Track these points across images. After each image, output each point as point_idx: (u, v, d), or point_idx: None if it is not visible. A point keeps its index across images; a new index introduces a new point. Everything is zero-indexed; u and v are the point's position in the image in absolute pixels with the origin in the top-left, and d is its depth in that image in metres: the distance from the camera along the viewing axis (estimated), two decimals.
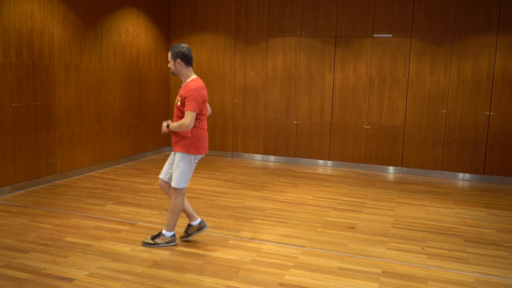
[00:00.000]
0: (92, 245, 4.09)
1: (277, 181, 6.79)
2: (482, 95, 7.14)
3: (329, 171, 7.71)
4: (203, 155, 4.15)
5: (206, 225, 4.29)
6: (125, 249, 4.02)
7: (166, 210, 5.15)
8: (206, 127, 4.14)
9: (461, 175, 7.37)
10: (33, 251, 3.91)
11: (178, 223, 4.69)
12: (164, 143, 8.90)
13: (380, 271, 3.74)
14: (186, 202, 4.20)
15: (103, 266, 3.65)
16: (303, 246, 4.22)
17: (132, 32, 7.69)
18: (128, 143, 7.79)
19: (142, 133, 8.13)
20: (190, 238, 4.27)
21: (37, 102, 5.89)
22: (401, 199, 5.99)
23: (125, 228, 4.56)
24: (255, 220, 4.92)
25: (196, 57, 8.61)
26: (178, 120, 4.01)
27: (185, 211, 4.21)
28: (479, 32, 7.06)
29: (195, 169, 7.29)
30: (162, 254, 3.94)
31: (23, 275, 3.46)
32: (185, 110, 3.87)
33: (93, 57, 6.83)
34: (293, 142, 8.20)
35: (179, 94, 4.04)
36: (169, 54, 4.02)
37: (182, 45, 4.03)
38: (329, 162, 8.03)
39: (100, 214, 4.95)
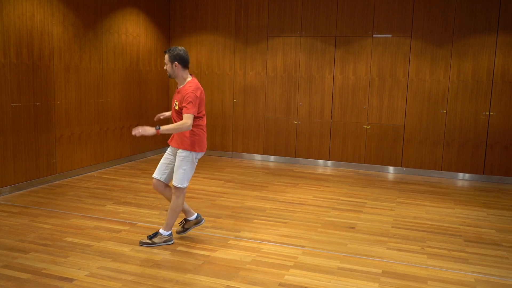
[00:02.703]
0: (92, 245, 4.09)
1: (277, 181, 6.79)
2: (482, 95, 7.14)
3: (329, 171, 7.71)
4: (203, 153, 4.18)
5: (203, 219, 4.34)
6: (125, 249, 4.02)
7: (166, 210, 5.15)
8: (205, 125, 4.18)
9: (461, 175, 7.37)
10: (33, 251, 3.91)
11: (178, 223, 4.70)
12: (164, 143, 8.90)
13: (380, 271, 3.74)
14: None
15: (103, 266, 3.65)
16: (303, 246, 4.22)
17: (132, 32, 7.69)
18: (128, 143, 7.80)
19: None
20: (186, 233, 4.33)
21: (37, 102, 5.89)
22: (401, 199, 5.99)
23: (125, 228, 4.56)
24: (255, 220, 4.92)
25: (196, 57, 8.61)
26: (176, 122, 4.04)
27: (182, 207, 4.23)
28: (479, 32, 7.06)
29: (195, 169, 7.29)
30: (162, 254, 3.94)
31: (23, 275, 3.46)
32: (184, 113, 3.87)
33: (93, 57, 6.83)
34: (293, 142, 8.20)
35: (175, 97, 4.04)
36: (166, 57, 4.02)
37: (180, 48, 4.04)
38: (329, 162, 8.03)
39: (100, 214, 4.96)
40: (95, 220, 4.76)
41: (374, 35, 7.54)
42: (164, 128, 3.81)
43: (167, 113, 4.40)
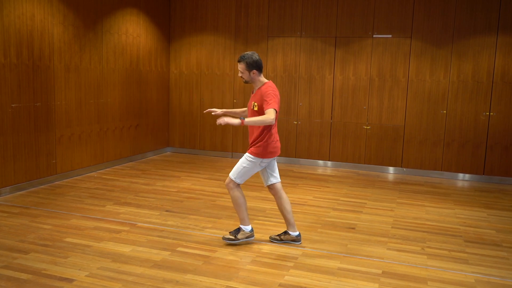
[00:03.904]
0: (92, 245, 4.09)
1: None
2: (482, 95, 7.14)
3: (329, 171, 7.71)
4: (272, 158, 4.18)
5: (300, 241, 4.28)
6: (125, 249, 4.02)
7: (166, 211, 5.15)
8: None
9: (461, 175, 7.37)
10: (33, 251, 3.91)
11: (179, 224, 4.70)
12: (164, 143, 8.90)
13: (380, 271, 3.74)
14: (289, 208, 4.21)
15: (103, 267, 3.65)
16: (303, 247, 4.22)
17: (132, 32, 7.69)
18: (128, 144, 7.79)
19: (142, 134, 8.14)
20: (280, 242, 4.28)
21: (37, 103, 5.89)
22: (401, 200, 5.99)
23: (125, 228, 4.56)
24: (255, 221, 4.92)
25: (196, 57, 8.61)
26: (254, 126, 4.06)
27: (285, 217, 4.24)
28: (479, 33, 7.06)
29: (195, 169, 7.30)
30: (162, 254, 3.94)
31: (23, 276, 3.46)
32: (265, 108, 3.88)
33: (93, 57, 6.83)
34: (293, 142, 8.20)
35: (252, 99, 4.08)
36: (243, 66, 4.02)
37: (251, 53, 4.04)
38: (329, 163, 8.03)
39: (100, 215, 4.95)
40: (95, 221, 4.76)
41: (374, 36, 7.55)
42: (248, 120, 3.82)
43: (219, 111, 4.28)
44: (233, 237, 4.15)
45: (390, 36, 7.47)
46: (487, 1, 6.97)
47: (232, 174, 4.08)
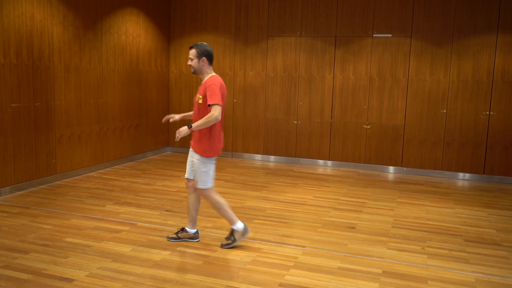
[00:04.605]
0: (92, 245, 4.08)
1: (277, 181, 6.79)
2: (482, 95, 7.14)
3: (329, 171, 7.71)
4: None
5: (198, 238, 4.27)
6: (125, 249, 4.02)
7: (167, 211, 5.15)
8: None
9: (461, 175, 7.37)
10: (33, 251, 3.91)
11: (179, 224, 4.70)
12: (164, 143, 8.90)
13: (380, 271, 3.74)
14: (197, 207, 4.20)
15: (103, 267, 3.65)
16: (303, 246, 4.22)
17: (132, 32, 7.68)
18: (128, 143, 7.79)
19: (142, 133, 8.13)
20: (177, 241, 4.24)
21: (37, 103, 5.89)
22: (401, 199, 5.98)
23: (125, 228, 4.55)
24: (255, 220, 4.92)
25: None
26: (199, 118, 3.99)
27: (191, 214, 4.22)
28: (479, 32, 7.06)
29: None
30: (162, 254, 3.94)
31: (23, 276, 3.46)
32: (208, 103, 3.84)
33: (93, 57, 6.83)
34: (293, 142, 8.20)
35: (198, 92, 4.04)
36: (193, 52, 4.00)
37: (206, 44, 4.05)
38: (329, 162, 8.03)
39: (100, 215, 4.95)
40: (95, 221, 4.76)
41: (374, 35, 7.54)
42: (195, 125, 3.83)
43: (177, 116, 4.27)
44: (230, 241, 4.13)
45: (390, 35, 7.47)
46: (487, 1, 6.96)
47: (199, 184, 4.03)
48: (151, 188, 6.13)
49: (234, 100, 8.45)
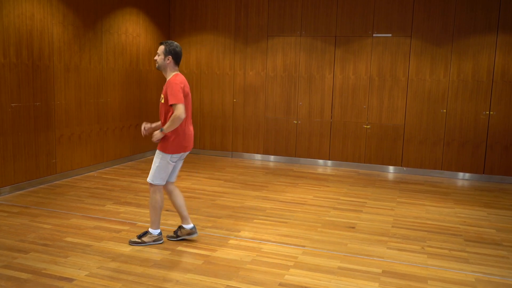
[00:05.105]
0: (92, 245, 4.08)
1: (277, 181, 6.79)
2: (482, 94, 7.14)
3: (329, 171, 7.71)
4: (183, 154, 4.13)
5: (196, 233, 4.26)
6: (125, 249, 4.02)
7: (166, 210, 5.15)
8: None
9: (461, 174, 7.37)
10: (33, 251, 3.91)
11: (179, 223, 4.70)
12: None
13: (380, 270, 3.74)
14: (182, 203, 4.20)
15: (103, 266, 3.65)
16: (303, 246, 4.22)
17: (132, 32, 7.68)
18: (128, 143, 7.79)
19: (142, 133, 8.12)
20: (177, 240, 4.25)
21: (37, 102, 5.89)
22: (401, 199, 5.98)
23: (125, 228, 4.55)
24: (255, 220, 4.92)
25: (196, 57, 8.61)
26: (162, 118, 4.03)
27: (180, 212, 4.21)
28: (479, 32, 7.06)
29: (195, 168, 7.29)
30: (162, 254, 3.94)
31: (23, 275, 3.46)
32: (170, 103, 3.86)
33: (93, 57, 6.83)
34: (293, 142, 8.20)
35: (162, 91, 4.04)
36: (161, 48, 4.01)
37: (176, 44, 4.06)
38: (329, 162, 8.03)
39: (100, 214, 4.95)
40: (95, 220, 4.76)
41: (374, 35, 7.54)
42: (165, 128, 3.89)
43: (154, 124, 4.30)
44: (139, 240, 4.12)
45: (390, 35, 7.47)
46: (487, 1, 6.96)
47: (149, 178, 4.05)
48: None
49: (234, 100, 8.45)
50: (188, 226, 4.23)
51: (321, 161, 8.08)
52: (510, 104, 7.02)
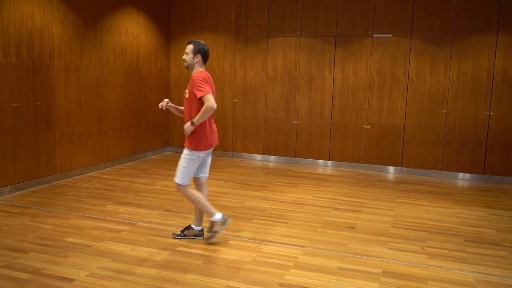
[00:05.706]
0: (92, 245, 4.09)
1: (277, 181, 6.79)
2: (482, 95, 7.14)
3: (329, 171, 7.71)
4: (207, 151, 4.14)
5: (203, 235, 4.30)
6: (125, 249, 4.02)
7: (167, 210, 5.16)
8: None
9: (461, 175, 7.37)
10: (33, 251, 3.91)
11: (179, 224, 4.70)
12: (164, 143, 8.90)
13: (380, 271, 3.74)
14: (202, 204, 4.17)
15: (103, 266, 3.65)
16: (303, 246, 4.22)
17: (132, 32, 7.68)
18: (128, 143, 7.79)
19: (142, 133, 8.13)
20: (182, 238, 4.28)
21: (37, 102, 5.89)
22: (401, 199, 5.99)
23: (125, 228, 4.56)
24: (255, 220, 4.92)
25: None
26: (188, 113, 4.02)
27: (197, 212, 4.25)
28: (479, 32, 7.06)
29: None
30: (162, 254, 3.94)
31: (23, 276, 3.46)
32: (198, 96, 3.86)
33: (93, 57, 6.83)
34: (293, 142, 8.20)
35: (187, 87, 4.06)
36: (190, 47, 4.05)
37: (204, 42, 4.10)
38: (329, 162, 8.03)
39: (100, 214, 4.95)
40: (95, 220, 4.76)
41: (374, 35, 7.54)
42: (196, 119, 3.89)
43: (166, 100, 4.28)
44: (212, 232, 4.14)
45: (390, 35, 7.47)
46: (487, 0, 6.96)
47: (176, 178, 4.06)
48: (151, 188, 6.13)
49: (234, 100, 8.46)
50: (198, 228, 4.27)
51: (321, 161, 8.08)
52: (510, 104, 7.02)
